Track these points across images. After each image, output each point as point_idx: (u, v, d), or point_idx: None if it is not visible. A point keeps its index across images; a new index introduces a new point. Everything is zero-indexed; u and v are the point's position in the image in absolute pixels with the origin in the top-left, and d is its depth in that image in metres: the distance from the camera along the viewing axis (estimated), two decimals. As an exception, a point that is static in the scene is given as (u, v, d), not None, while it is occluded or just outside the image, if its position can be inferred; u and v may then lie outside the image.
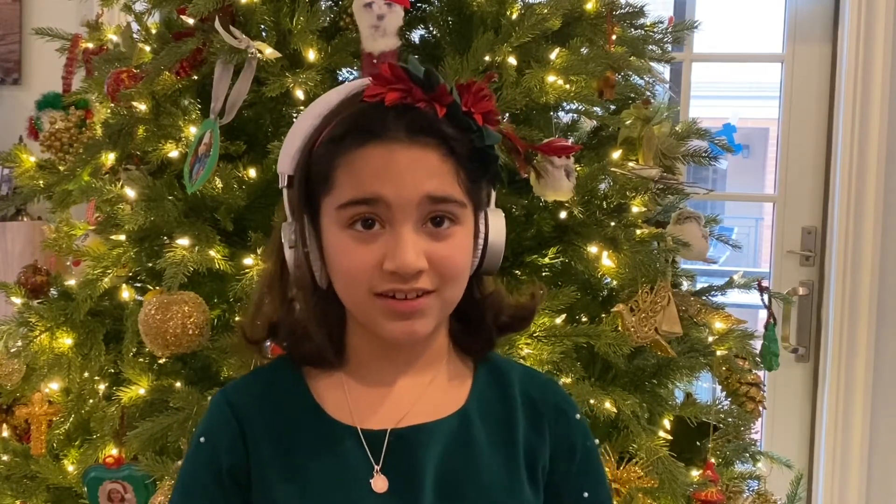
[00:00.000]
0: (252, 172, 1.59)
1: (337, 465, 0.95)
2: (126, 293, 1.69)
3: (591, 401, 1.48)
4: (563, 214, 1.60)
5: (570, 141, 1.73)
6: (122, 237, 1.65)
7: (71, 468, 1.72)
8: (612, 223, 1.62)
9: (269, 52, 1.48)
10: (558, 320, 1.56)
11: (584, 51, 1.64)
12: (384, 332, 0.92)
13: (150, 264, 1.65)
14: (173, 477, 1.45)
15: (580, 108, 1.79)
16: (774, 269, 2.71)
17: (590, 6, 1.68)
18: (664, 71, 2.06)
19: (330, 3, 1.68)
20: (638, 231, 1.64)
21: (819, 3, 2.64)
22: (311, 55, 1.53)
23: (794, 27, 2.67)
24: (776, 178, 2.73)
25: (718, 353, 1.75)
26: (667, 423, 1.65)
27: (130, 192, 1.61)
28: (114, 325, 1.70)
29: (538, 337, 1.52)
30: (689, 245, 1.66)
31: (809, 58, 2.66)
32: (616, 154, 1.67)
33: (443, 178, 0.90)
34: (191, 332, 1.48)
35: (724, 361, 1.77)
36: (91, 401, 1.71)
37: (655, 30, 1.85)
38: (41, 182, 1.88)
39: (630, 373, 1.65)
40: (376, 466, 0.94)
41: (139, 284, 1.75)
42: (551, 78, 1.55)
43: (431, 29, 1.72)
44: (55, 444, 1.76)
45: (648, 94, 1.82)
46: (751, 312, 2.55)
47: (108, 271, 1.62)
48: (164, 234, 1.61)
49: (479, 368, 1.03)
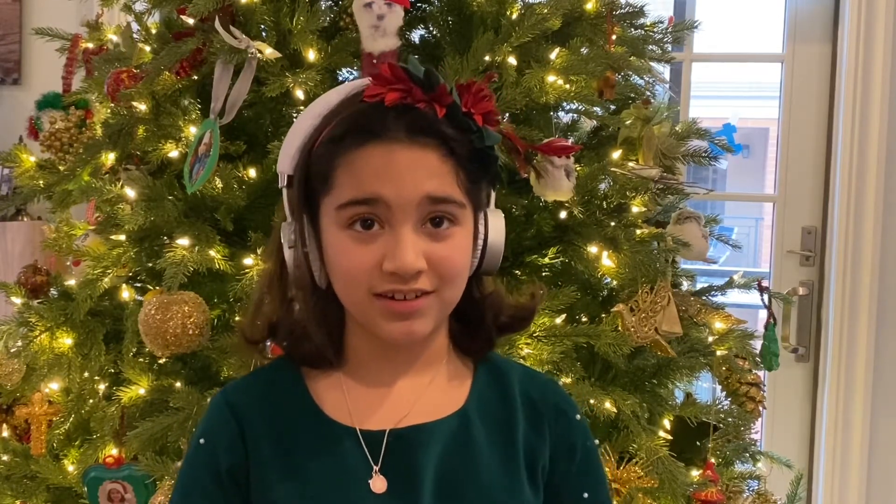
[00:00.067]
0: (252, 172, 1.59)
1: (336, 466, 0.94)
2: (126, 293, 1.69)
3: (591, 401, 1.48)
4: (563, 214, 1.60)
5: (570, 141, 1.73)
6: (122, 237, 1.65)
7: (71, 468, 1.72)
8: (612, 223, 1.62)
9: (269, 52, 1.48)
10: (558, 320, 1.56)
11: (584, 51, 1.64)
12: (383, 332, 0.92)
13: (150, 264, 1.65)
14: (173, 477, 1.45)
15: (580, 108, 1.79)
16: (774, 269, 2.71)
17: (590, 6, 1.68)
18: (664, 71, 2.06)
19: (330, 3, 1.68)
20: (638, 231, 1.64)
21: (819, 3, 2.64)
22: (311, 55, 1.53)
23: (794, 27, 2.67)
24: (776, 178, 2.73)
25: (718, 353, 1.75)
26: (667, 423, 1.65)
27: (130, 192, 1.62)
28: (114, 325, 1.70)
29: (538, 337, 1.52)
30: (689, 245, 1.66)
31: (809, 58, 2.66)
32: (616, 154, 1.67)
33: (442, 179, 0.90)
34: (191, 332, 1.48)
35: (724, 361, 1.77)
36: (91, 401, 1.71)
37: (655, 30, 1.85)
38: (41, 182, 1.88)
39: (630, 373, 1.65)
40: (375, 467, 0.94)
41: (139, 284, 1.75)
42: (551, 78, 1.55)
43: (431, 29, 1.72)
44: (55, 444, 1.76)
45: (648, 94, 1.82)
46: (751, 312, 2.54)
47: (108, 271, 1.62)
48: (164, 234, 1.61)
49: (478, 368, 1.03)
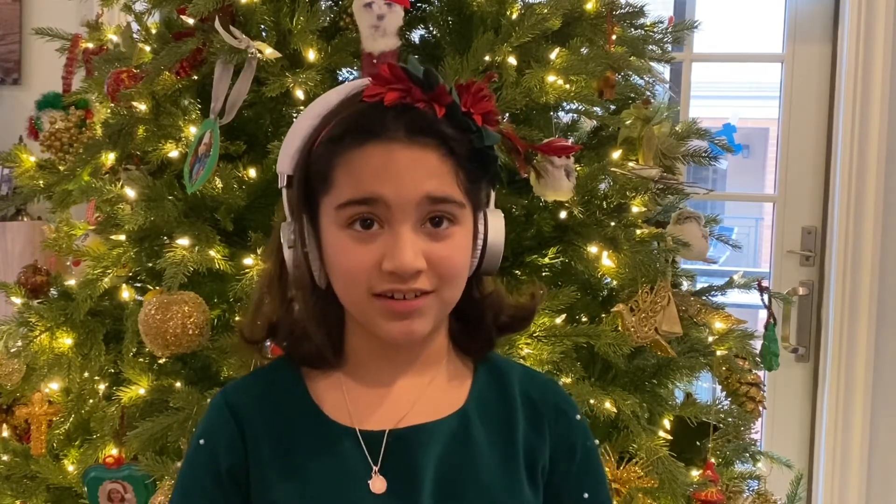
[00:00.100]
0: (252, 172, 1.59)
1: (336, 466, 0.94)
2: (126, 293, 1.69)
3: (591, 401, 1.48)
4: (563, 214, 1.60)
5: (570, 141, 1.73)
6: (122, 237, 1.65)
7: (71, 468, 1.72)
8: (612, 223, 1.62)
9: (269, 52, 1.48)
10: (558, 320, 1.56)
11: (584, 51, 1.64)
12: (382, 332, 0.92)
13: (150, 264, 1.65)
14: (173, 477, 1.45)
15: (580, 108, 1.79)
16: (774, 269, 2.71)
17: (590, 6, 1.68)
18: (664, 71, 2.06)
19: (330, 3, 1.68)
20: (638, 231, 1.64)
21: (819, 3, 2.64)
22: (311, 55, 1.53)
23: (794, 27, 2.67)
24: (776, 178, 2.73)
25: (718, 353, 1.75)
26: (667, 423, 1.65)
27: (130, 192, 1.62)
28: (114, 325, 1.70)
29: (538, 337, 1.52)
30: (689, 245, 1.66)
31: (809, 58, 2.66)
32: (616, 154, 1.67)
33: (442, 179, 0.90)
34: (191, 332, 1.48)
35: (724, 361, 1.77)
36: (91, 401, 1.71)
37: (655, 30, 1.85)
38: (41, 182, 1.88)
39: (630, 373, 1.65)
40: (375, 467, 0.94)
41: (139, 284, 1.75)
42: (551, 78, 1.55)
43: (431, 29, 1.72)
44: (55, 444, 1.76)
45: (648, 94, 1.82)
46: (751, 312, 2.54)
47: (108, 271, 1.62)
48: (164, 234, 1.61)
49: (478, 368, 1.03)
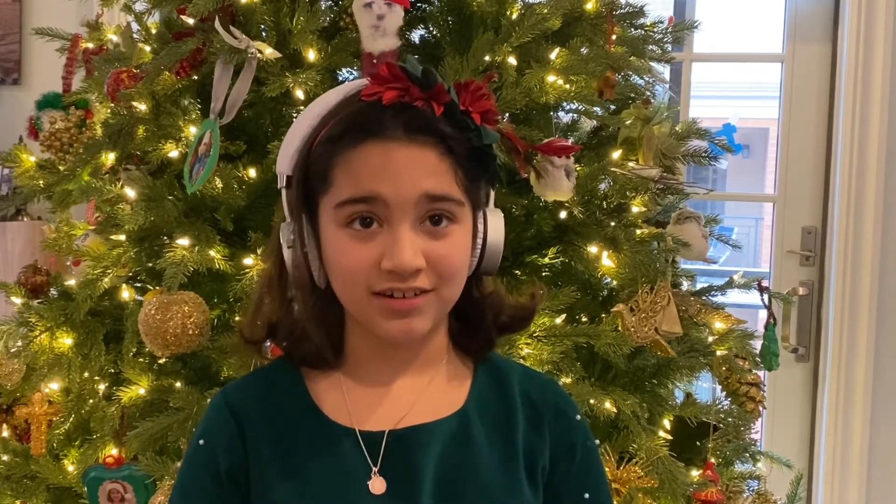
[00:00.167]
0: (252, 172, 1.59)
1: (335, 467, 0.94)
2: (126, 293, 1.69)
3: (591, 401, 1.48)
4: (563, 214, 1.60)
5: (570, 141, 1.73)
6: (122, 237, 1.65)
7: (71, 468, 1.72)
8: (612, 223, 1.62)
9: (269, 52, 1.48)
10: (558, 320, 1.56)
11: (584, 51, 1.64)
12: (381, 330, 0.92)
13: (150, 264, 1.65)
14: (173, 477, 1.45)
15: (580, 108, 1.79)
16: (774, 269, 2.71)
17: (590, 6, 1.68)
18: (664, 71, 2.06)
19: (330, 3, 1.68)
20: (638, 231, 1.64)
21: (819, 3, 2.64)
22: (311, 55, 1.53)
23: (794, 27, 2.67)
24: (776, 178, 2.73)
25: (718, 353, 1.75)
26: (667, 423, 1.65)
27: (130, 192, 1.62)
28: (114, 325, 1.70)
29: (538, 337, 1.52)
30: (689, 245, 1.66)
31: (809, 58, 2.66)
32: (616, 154, 1.67)
33: (441, 177, 0.90)
34: (191, 332, 1.48)
35: (724, 361, 1.77)
36: (91, 401, 1.71)
37: (655, 30, 1.85)
38: (41, 182, 1.88)
39: (630, 373, 1.65)
40: (374, 468, 0.94)
41: (139, 284, 1.75)
42: (551, 78, 1.55)
43: (431, 29, 1.72)
44: (55, 444, 1.76)
45: (648, 94, 1.82)
46: (751, 312, 2.54)
47: (108, 271, 1.62)
48: (164, 234, 1.62)
49: (478, 368, 1.03)
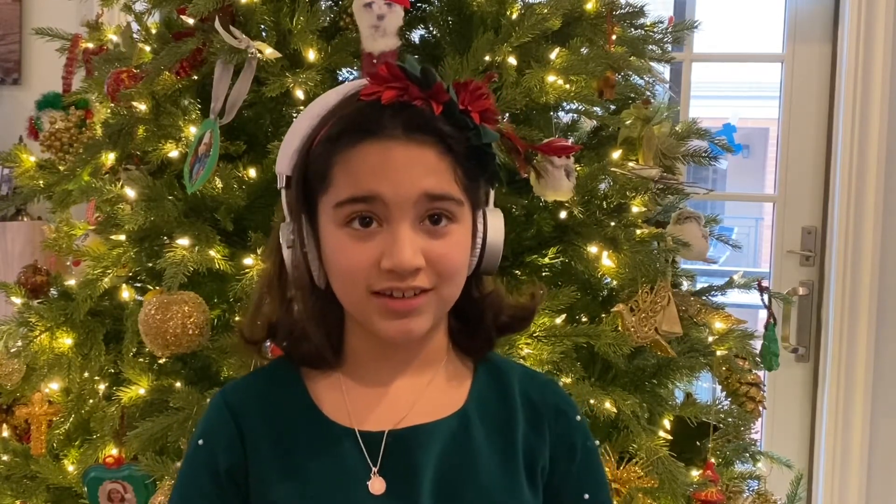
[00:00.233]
0: (252, 172, 1.59)
1: (335, 467, 0.94)
2: (126, 293, 1.69)
3: (591, 401, 1.48)
4: (563, 214, 1.60)
5: (570, 141, 1.73)
6: (122, 237, 1.65)
7: (71, 468, 1.72)
8: (612, 223, 1.62)
9: (269, 52, 1.48)
10: (558, 320, 1.56)
11: (584, 51, 1.64)
12: (381, 330, 0.92)
13: (150, 264, 1.65)
14: (173, 477, 1.45)
15: (580, 108, 1.79)
16: (774, 269, 2.71)
17: (590, 6, 1.68)
18: (664, 71, 2.06)
19: (330, 3, 1.68)
20: (638, 231, 1.64)
21: (819, 3, 2.64)
22: (311, 55, 1.53)
23: (794, 27, 2.67)
24: (776, 178, 2.73)
25: (718, 353, 1.75)
26: (667, 423, 1.65)
27: (130, 192, 1.61)
28: (114, 325, 1.70)
29: (538, 337, 1.52)
30: (689, 245, 1.66)
31: (809, 58, 2.66)
32: (616, 154, 1.67)
33: (440, 176, 0.90)
34: (191, 332, 1.48)
35: (724, 361, 1.77)
36: (91, 401, 1.71)
37: (655, 30, 1.85)
38: (41, 182, 1.88)
39: (630, 373, 1.65)
40: (374, 468, 0.94)
41: (139, 284, 1.75)
42: (551, 78, 1.55)
43: (431, 29, 1.72)
44: (55, 444, 1.76)
45: (648, 94, 1.82)
46: (751, 312, 2.54)
47: (108, 271, 1.62)
48: (164, 234, 1.61)
49: (478, 369, 1.02)
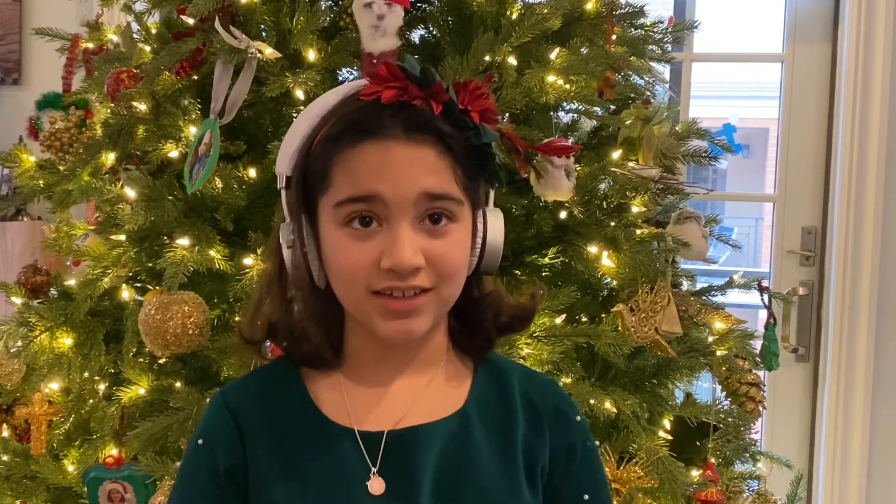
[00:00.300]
0: (252, 172, 1.59)
1: (334, 467, 0.94)
2: (126, 293, 1.69)
3: (591, 401, 1.48)
4: (563, 214, 1.60)
5: (570, 141, 1.73)
6: (122, 237, 1.65)
7: (71, 468, 1.72)
8: (612, 223, 1.62)
9: (269, 52, 1.48)
10: (558, 320, 1.56)
11: (584, 51, 1.64)
12: (380, 330, 0.92)
13: (150, 264, 1.65)
14: (173, 477, 1.45)
15: (580, 108, 1.79)
16: (774, 269, 2.71)
17: (590, 6, 1.68)
18: (664, 71, 2.06)
19: (330, 3, 1.68)
20: (638, 231, 1.64)
21: (819, 3, 2.64)
22: (311, 55, 1.53)
23: (794, 27, 2.67)
24: (776, 178, 2.73)
25: (718, 353, 1.75)
26: (667, 423, 1.65)
27: (130, 192, 1.61)
28: (114, 325, 1.70)
29: (538, 337, 1.52)
30: (689, 245, 1.66)
31: (809, 58, 2.66)
32: (616, 154, 1.67)
33: (440, 175, 0.90)
34: (191, 332, 1.48)
35: (724, 361, 1.77)
36: (91, 401, 1.71)
37: (655, 30, 1.85)
38: (41, 182, 1.88)
39: (630, 373, 1.65)
40: (373, 468, 0.94)
41: (139, 284, 1.75)
42: (551, 78, 1.55)
43: (431, 29, 1.72)
44: (55, 444, 1.76)
45: (648, 94, 1.82)
46: (751, 312, 2.54)
47: (108, 271, 1.62)
48: (164, 234, 1.61)
49: (478, 369, 1.02)
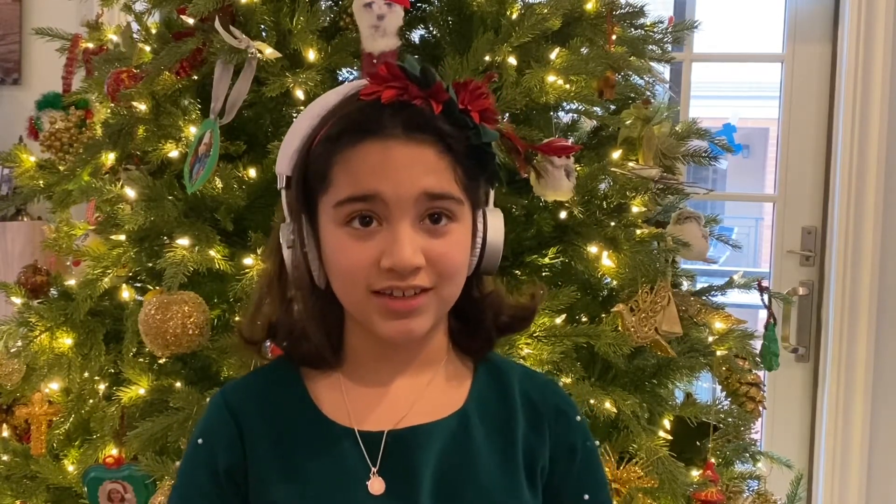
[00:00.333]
0: (252, 172, 1.59)
1: (335, 467, 0.94)
2: (126, 293, 1.69)
3: (591, 401, 1.48)
4: (563, 214, 1.60)
5: (570, 141, 1.73)
6: (122, 237, 1.65)
7: (71, 468, 1.72)
8: (612, 223, 1.62)
9: (269, 52, 1.48)
10: (558, 320, 1.56)
11: (584, 51, 1.64)
12: (380, 330, 0.92)
13: (150, 264, 1.65)
14: (173, 477, 1.45)
15: (580, 108, 1.79)
16: (774, 269, 2.71)
17: (590, 6, 1.68)
18: (664, 71, 2.06)
19: (330, 3, 1.68)
20: (638, 231, 1.64)
21: (819, 3, 2.64)
22: (311, 55, 1.54)
23: (794, 27, 2.67)
24: (776, 178, 2.73)
25: (718, 353, 1.75)
26: (667, 423, 1.65)
27: (130, 192, 1.62)
28: (114, 325, 1.70)
29: (538, 337, 1.52)
30: (689, 245, 1.66)
31: (809, 58, 2.66)
32: (616, 154, 1.67)
33: (440, 175, 0.90)
34: (191, 332, 1.48)
35: (724, 361, 1.77)
36: (91, 401, 1.71)
37: (655, 30, 1.85)
38: (41, 182, 1.89)
39: (630, 373, 1.65)
40: (373, 468, 0.94)
41: (139, 284, 1.75)
42: (551, 78, 1.55)
43: (431, 29, 1.72)
44: (55, 444, 1.76)
45: (648, 94, 1.82)
46: (751, 312, 2.54)
47: (108, 271, 1.62)
48: (164, 234, 1.62)
49: (478, 369, 1.02)
